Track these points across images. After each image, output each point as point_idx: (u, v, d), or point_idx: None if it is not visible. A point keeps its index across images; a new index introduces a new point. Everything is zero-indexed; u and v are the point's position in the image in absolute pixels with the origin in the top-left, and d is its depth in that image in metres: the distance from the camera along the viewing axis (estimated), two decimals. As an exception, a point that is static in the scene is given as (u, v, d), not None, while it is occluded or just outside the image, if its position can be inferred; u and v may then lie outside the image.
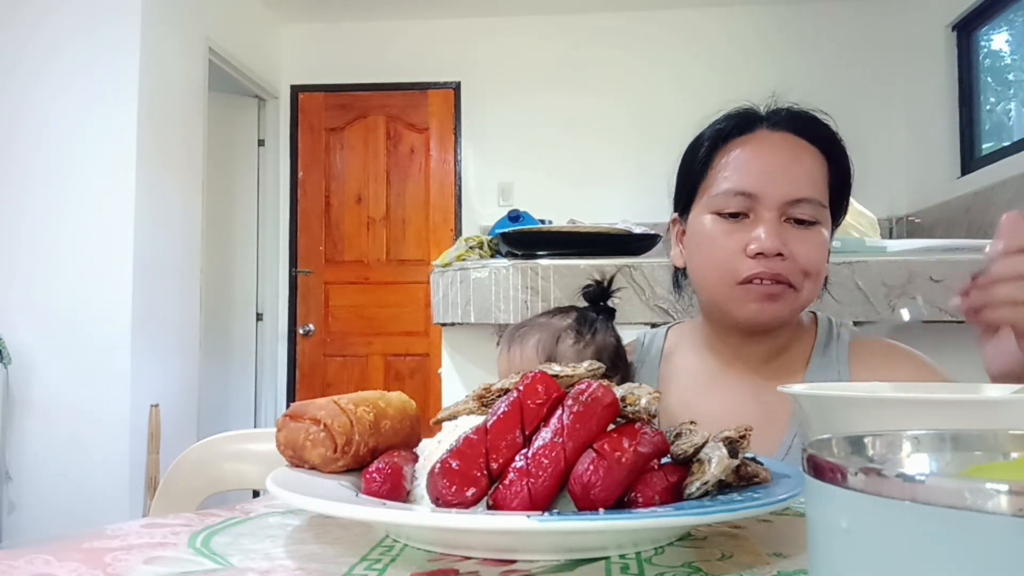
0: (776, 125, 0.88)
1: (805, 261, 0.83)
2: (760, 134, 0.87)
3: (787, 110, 0.89)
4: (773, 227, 0.82)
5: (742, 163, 0.86)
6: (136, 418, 2.96)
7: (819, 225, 0.85)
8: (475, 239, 1.70)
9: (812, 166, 0.86)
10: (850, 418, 0.49)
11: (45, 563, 0.41)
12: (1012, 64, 3.43)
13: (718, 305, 0.88)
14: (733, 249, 0.84)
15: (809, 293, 0.85)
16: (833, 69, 4.10)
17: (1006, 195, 3.05)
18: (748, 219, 0.84)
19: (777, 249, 0.81)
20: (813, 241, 0.84)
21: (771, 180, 0.83)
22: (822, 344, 0.92)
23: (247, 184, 4.33)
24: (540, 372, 0.49)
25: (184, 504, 0.97)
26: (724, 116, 0.91)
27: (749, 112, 0.90)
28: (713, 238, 0.86)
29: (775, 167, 0.84)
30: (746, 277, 0.83)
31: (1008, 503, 0.18)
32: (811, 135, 0.87)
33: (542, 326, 0.98)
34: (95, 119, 2.99)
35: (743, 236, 0.83)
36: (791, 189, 0.83)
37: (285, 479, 0.50)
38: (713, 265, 0.86)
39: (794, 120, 0.88)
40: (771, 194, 0.83)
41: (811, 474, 0.24)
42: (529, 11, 4.28)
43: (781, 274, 0.82)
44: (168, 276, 3.23)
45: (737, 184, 0.84)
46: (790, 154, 0.85)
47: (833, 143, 0.89)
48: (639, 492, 0.46)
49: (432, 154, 4.36)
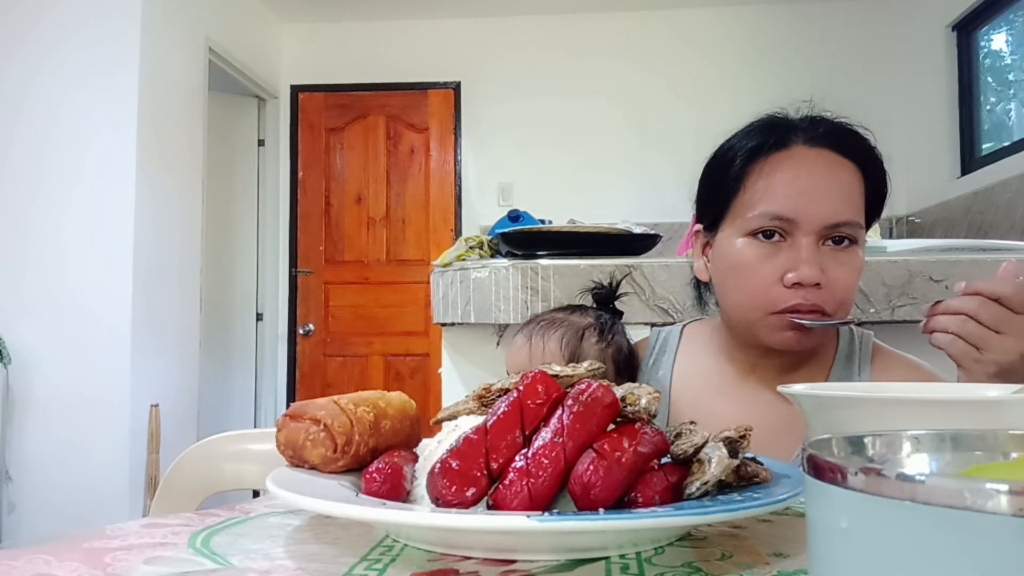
0: (813, 140, 0.83)
1: (842, 288, 0.80)
2: (797, 151, 0.83)
3: (824, 123, 0.85)
4: (812, 254, 0.79)
5: (779, 184, 0.81)
6: (136, 418, 2.96)
7: (856, 246, 0.82)
8: (475, 239, 1.70)
9: (851, 185, 0.82)
10: (850, 418, 0.49)
11: (45, 563, 0.41)
12: (1012, 64, 3.43)
13: (750, 329, 0.85)
14: (769, 277, 0.81)
15: (843, 316, 0.82)
16: (833, 69, 4.10)
17: (1006, 195, 3.05)
18: (784, 242, 0.81)
19: (816, 279, 0.78)
20: (851, 265, 0.81)
21: (810, 203, 0.80)
22: (844, 356, 0.90)
23: (247, 184, 4.33)
24: (540, 372, 0.49)
25: (184, 504, 0.97)
26: (757, 128, 0.86)
27: (785, 124, 0.85)
28: (748, 264, 0.82)
29: (814, 189, 0.80)
30: (782, 308, 0.80)
31: (1008, 503, 0.18)
32: (849, 150, 0.84)
33: (563, 322, 0.97)
34: (95, 119, 2.99)
35: (779, 262, 0.80)
36: (830, 212, 0.80)
37: (285, 479, 0.50)
38: (747, 292, 0.83)
39: (833, 136, 0.84)
40: (810, 218, 0.80)
41: (811, 474, 0.24)
42: (529, 11, 4.28)
43: (817, 305, 0.79)
44: (168, 276, 3.23)
45: (774, 207, 0.81)
46: (829, 174, 0.82)
47: (871, 158, 0.85)
48: (639, 492, 0.46)
49: (432, 154, 4.36)
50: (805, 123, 0.85)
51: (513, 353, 0.98)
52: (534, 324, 0.99)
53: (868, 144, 0.86)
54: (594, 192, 4.12)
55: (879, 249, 1.47)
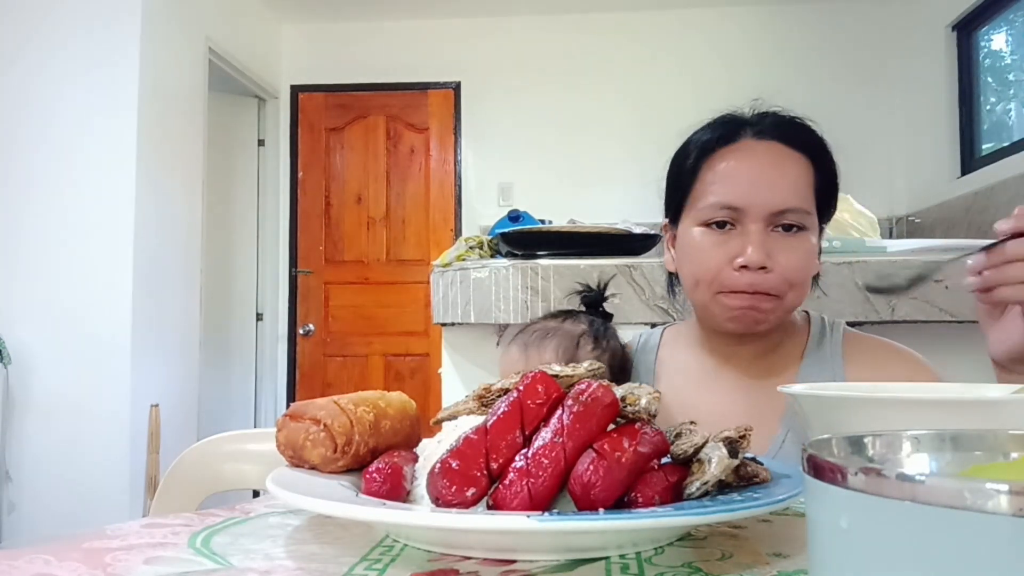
0: (761, 133, 0.88)
1: (790, 271, 0.84)
2: (745, 143, 0.88)
3: (772, 117, 0.90)
4: (758, 239, 0.83)
5: (727, 175, 0.87)
6: (136, 418, 2.96)
7: (805, 232, 0.86)
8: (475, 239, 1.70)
9: (797, 174, 0.86)
10: (850, 418, 0.49)
11: (45, 563, 0.41)
12: (1012, 64, 3.43)
13: (706, 312, 0.91)
14: (719, 261, 0.85)
15: (793, 300, 0.86)
16: (833, 69, 4.11)
17: (1006, 195, 3.05)
18: (735, 230, 0.86)
19: (761, 262, 0.83)
20: (799, 249, 0.85)
21: (756, 191, 0.84)
22: (815, 342, 0.94)
23: (247, 184, 4.33)
24: (540, 372, 0.49)
25: (184, 504, 0.97)
26: (709, 124, 0.92)
27: (734, 120, 0.90)
28: (701, 250, 0.87)
29: (760, 178, 0.85)
30: (729, 288, 0.85)
31: (1008, 503, 0.18)
32: (796, 141, 0.88)
33: (557, 331, 0.98)
34: (95, 119, 2.99)
35: (729, 248, 0.85)
36: (776, 200, 0.84)
37: (285, 479, 0.50)
38: (701, 275, 0.88)
39: (779, 127, 0.88)
40: (756, 206, 0.84)
41: (811, 474, 0.24)
42: (529, 11, 4.28)
43: (762, 287, 0.84)
44: (168, 276, 3.23)
45: (723, 197, 0.86)
46: (775, 164, 0.86)
47: (818, 148, 0.89)
48: (639, 492, 0.46)
49: (432, 154, 4.36)
50: (754, 118, 0.90)
51: (509, 363, 0.98)
52: (527, 334, 1.00)
53: (816, 135, 0.90)
54: (594, 192, 4.12)
55: (879, 249, 1.47)
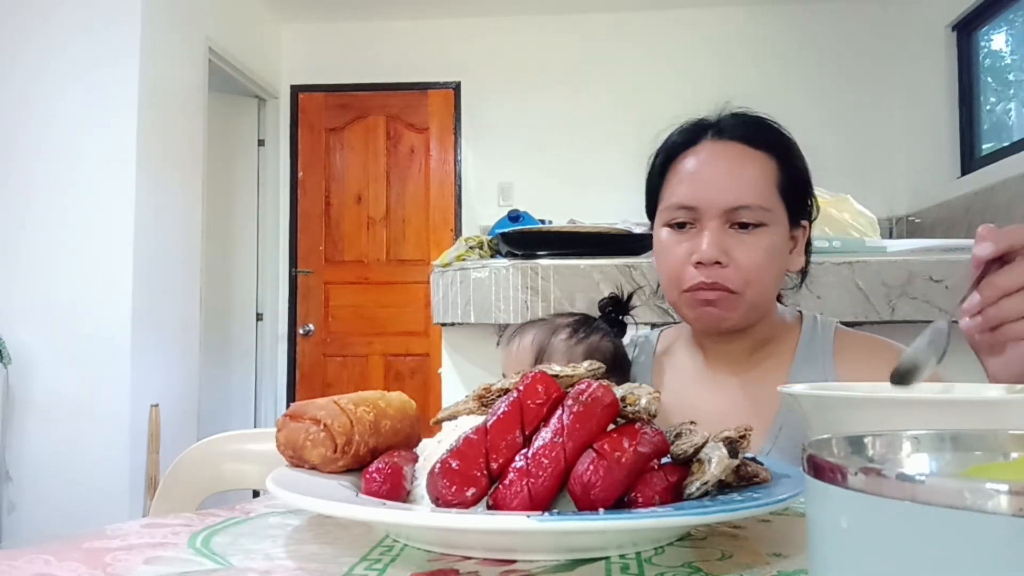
0: (720, 134, 0.90)
1: (746, 267, 0.86)
2: (705, 146, 0.90)
3: (732, 118, 0.92)
4: (713, 236, 0.86)
5: (686, 176, 0.90)
6: (136, 418, 2.96)
7: (766, 228, 0.87)
8: (475, 239, 1.70)
9: (755, 171, 0.88)
10: (850, 418, 0.49)
11: (45, 563, 0.41)
12: (1012, 64, 3.43)
13: (678, 311, 0.93)
14: (680, 258, 0.88)
15: (755, 296, 0.87)
16: (833, 69, 4.11)
17: (1006, 195, 3.05)
18: (695, 228, 0.88)
19: (715, 258, 0.85)
20: (756, 246, 0.86)
21: (711, 190, 0.87)
22: (807, 339, 0.95)
23: (247, 184, 4.33)
24: (540, 372, 0.49)
25: (184, 504, 0.97)
26: (676, 130, 0.95)
27: (697, 124, 0.93)
28: (665, 249, 0.91)
29: (715, 177, 0.87)
30: (689, 286, 0.87)
31: (1008, 503, 0.18)
32: (757, 140, 0.89)
33: (542, 322, 1.02)
34: (95, 119, 2.99)
35: (689, 246, 0.88)
36: (730, 197, 0.86)
37: (285, 479, 0.50)
38: (665, 274, 0.91)
39: (738, 127, 0.90)
40: (711, 204, 0.86)
41: (811, 474, 0.24)
42: (529, 11, 4.28)
43: (719, 282, 0.85)
44: (168, 276, 3.23)
45: (681, 197, 0.89)
46: (731, 162, 0.88)
47: (780, 145, 0.91)
48: (639, 492, 0.46)
49: (432, 154, 4.36)
50: (716, 120, 0.92)
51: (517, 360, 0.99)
52: (517, 327, 1.02)
53: (777, 133, 0.92)
54: (594, 192, 4.12)
55: (879, 249, 1.47)
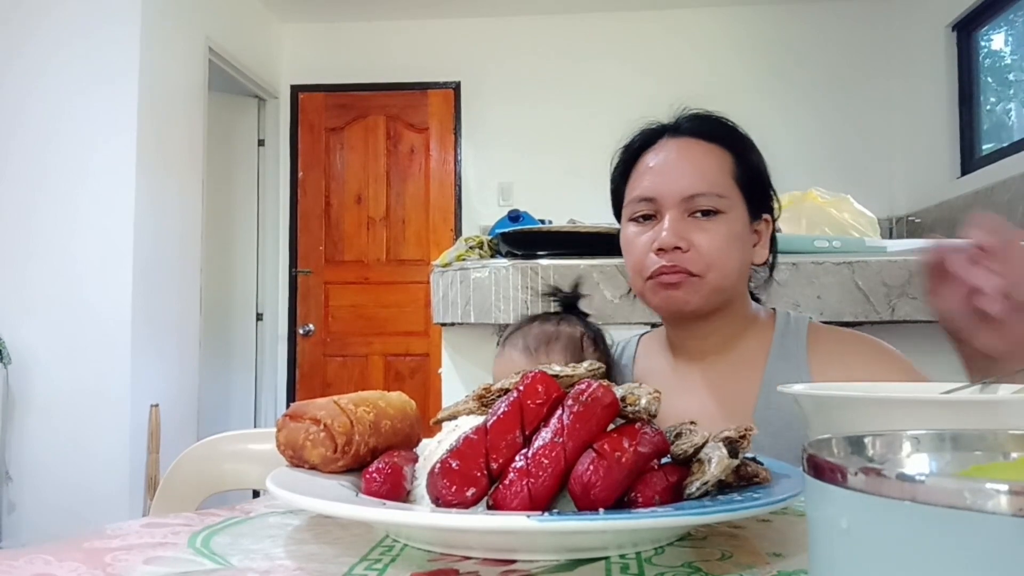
0: (676, 131, 0.95)
1: (706, 251, 0.89)
2: (662, 143, 0.95)
3: (687, 116, 0.97)
4: (673, 224, 0.90)
5: (647, 170, 0.95)
6: (136, 418, 2.96)
7: (723, 215, 0.91)
8: (475, 239, 1.70)
9: (709, 162, 0.92)
10: (850, 418, 0.49)
11: (45, 563, 0.41)
12: (1012, 64, 3.43)
13: (647, 304, 0.96)
14: (643, 248, 0.92)
15: (717, 280, 0.90)
16: (833, 69, 4.11)
17: (1006, 195, 3.05)
18: (656, 220, 0.93)
19: (674, 243, 0.89)
20: (714, 232, 0.90)
21: (666, 182, 0.91)
22: (780, 336, 0.96)
23: (247, 184, 4.33)
24: (540, 372, 0.49)
25: (184, 504, 0.97)
26: (637, 132, 1.00)
27: (659, 126, 0.98)
28: (629, 242, 0.95)
29: (672, 168, 0.92)
30: (652, 272, 0.91)
31: (1008, 503, 0.18)
32: (711, 135, 0.94)
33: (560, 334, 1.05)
34: (95, 119, 2.99)
35: (651, 235, 0.92)
36: (686, 185, 0.90)
37: (285, 479, 0.50)
38: (631, 265, 0.95)
39: (692, 124, 0.95)
40: (668, 193, 0.91)
41: (811, 474, 0.24)
42: (529, 11, 4.27)
43: (679, 265, 0.89)
44: (168, 276, 3.23)
45: (642, 190, 0.93)
46: (686, 154, 0.93)
47: (735, 139, 0.95)
48: (639, 492, 0.46)
49: (432, 154, 4.36)
50: (673, 120, 0.97)
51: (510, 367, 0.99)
52: (528, 338, 1.04)
53: (730, 126, 0.96)
54: (594, 192, 4.10)
55: (879, 249, 1.47)
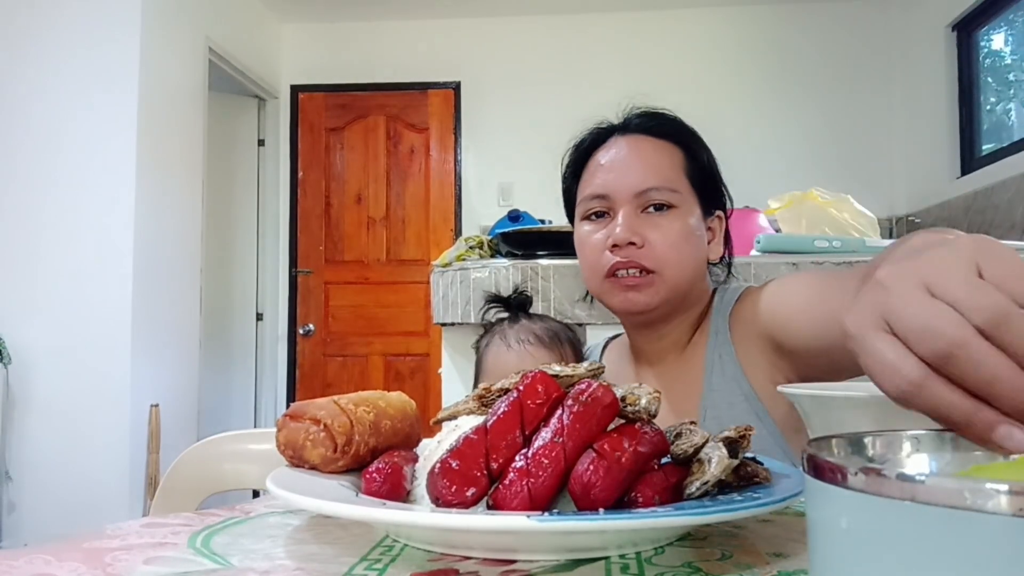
0: (626, 129, 0.96)
1: (660, 245, 0.89)
2: (612, 141, 0.96)
3: (636, 114, 0.97)
4: (626, 220, 0.89)
5: (595, 169, 0.94)
6: (136, 418, 2.96)
7: (676, 209, 0.90)
8: (475, 239, 1.70)
9: (660, 158, 0.92)
10: (850, 418, 0.49)
11: (45, 563, 0.41)
12: (1012, 64, 3.43)
13: (601, 300, 0.95)
14: (599, 246, 0.91)
15: (673, 275, 0.89)
16: (833, 69, 4.11)
17: (1006, 195, 3.05)
18: (609, 217, 0.92)
19: (628, 239, 0.88)
20: (668, 227, 0.90)
21: (617, 178, 0.91)
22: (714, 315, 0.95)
23: (247, 184, 4.33)
24: (540, 372, 0.49)
25: (184, 504, 0.97)
26: (587, 132, 1.00)
27: (608, 125, 0.99)
28: (583, 241, 0.94)
29: (623, 165, 0.92)
30: (609, 269, 0.90)
31: (1008, 503, 0.18)
32: (660, 132, 0.94)
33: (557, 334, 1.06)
34: (96, 119, 2.99)
35: (605, 232, 0.91)
36: (638, 180, 0.90)
37: (285, 479, 0.50)
38: (586, 264, 0.94)
39: (642, 121, 0.95)
40: (620, 189, 0.91)
41: (811, 474, 0.24)
42: (529, 11, 4.27)
43: (635, 260, 0.88)
44: (168, 276, 3.23)
45: (593, 188, 0.93)
46: (636, 151, 0.92)
47: (684, 135, 0.95)
48: (639, 492, 0.45)
49: (432, 154, 4.36)
50: (623, 119, 0.98)
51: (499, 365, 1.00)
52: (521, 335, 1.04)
53: (679, 123, 0.97)
54: (594, 192, 4.12)
55: (879, 249, 1.47)
